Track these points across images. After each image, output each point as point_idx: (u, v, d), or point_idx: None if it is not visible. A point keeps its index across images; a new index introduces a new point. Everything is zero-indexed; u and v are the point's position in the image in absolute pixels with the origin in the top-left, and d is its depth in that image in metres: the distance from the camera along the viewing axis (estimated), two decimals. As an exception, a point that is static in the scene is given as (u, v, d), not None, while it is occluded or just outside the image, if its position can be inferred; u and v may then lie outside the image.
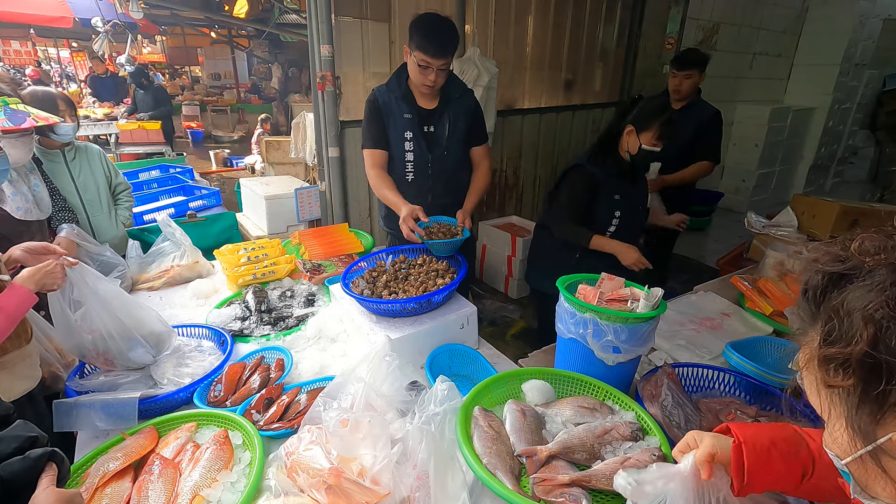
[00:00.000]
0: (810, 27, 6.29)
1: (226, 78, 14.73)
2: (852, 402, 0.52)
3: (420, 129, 2.09)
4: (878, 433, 0.50)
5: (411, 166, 2.13)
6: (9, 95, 1.53)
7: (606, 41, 4.72)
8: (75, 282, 1.40)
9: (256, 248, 2.29)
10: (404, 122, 2.07)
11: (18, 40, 11.74)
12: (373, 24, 3.32)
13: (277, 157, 5.82)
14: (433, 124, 2.11)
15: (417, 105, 2.08)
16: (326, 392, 1.21)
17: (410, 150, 2.10)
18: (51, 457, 0.81)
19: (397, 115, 2.07)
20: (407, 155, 2.11)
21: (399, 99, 2.06)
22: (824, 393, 0.56)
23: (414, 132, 2.08)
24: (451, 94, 2.10)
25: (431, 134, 2.11)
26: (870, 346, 0.48)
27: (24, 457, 0.79)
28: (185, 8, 7.75)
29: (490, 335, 2.09)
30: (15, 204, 1.74)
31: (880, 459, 0.52)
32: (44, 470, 0.80)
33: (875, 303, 0.48)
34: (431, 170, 2.14)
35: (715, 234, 5.67)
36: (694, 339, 1.76)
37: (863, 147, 7.58)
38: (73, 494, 0.80)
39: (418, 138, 2.09)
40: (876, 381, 0.48)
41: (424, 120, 2.09)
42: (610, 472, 0.99)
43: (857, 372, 0.50)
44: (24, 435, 0.81)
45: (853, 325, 0.50)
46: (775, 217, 2.73)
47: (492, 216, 4.49)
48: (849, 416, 0.53)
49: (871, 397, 0.49)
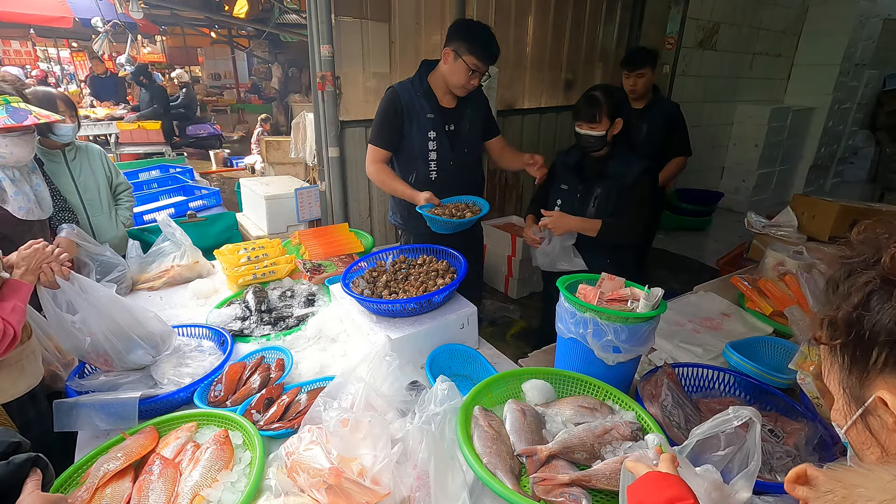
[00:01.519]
0: (810, 27, 6.29)
1: (226, 78, 14.72)
2: (844, 367, 0.60)
3: (443, 129, 2.12)
4: (866, 395, 0.58)
5: (434, 165, 2.16)
6: (10, 94, 1.53)
7: (606, 41, 4.72)
8: (69, 291, 1.39)
9: (256, 248, 2.29)
10: (427, 122, 2.09)
11: (18, 40, 11.74)
12: (373, 24, 3.32)
13: (277, 157, 5.82)
14: (454, 123, 2.15)
15: (440, 104, 2.12)
16: (326, 392, 1.21)
17: (434, 149, 2.13)
18: (35, 462, 0.82)
19: (420, 114, 2.09)
20: (430, 154, 2.14)
21: (422, 98, 2.09)
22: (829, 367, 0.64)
23: (437, 131, 2.11)
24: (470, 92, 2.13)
25: (453, 132, 2.16)
26: (854, 308, 0.56)
27: (7, 462, 0.79)
28: (185, 8, 7.75)
29: (490, 335, 2.09)
30: (17, 203, 1.73)
31: (868, 422, 0.58)
32: (28, 475, 0.80)
33: (866, 276, 0.57)
34: (454, 167, 2.18)
35: (715, 234, 5.67)
36: (694, 339, 1.76)
37: (863, 147, 7.58)
38: (58, 499, 0.80)
39: (441, 137, 2.12)
40: (858, 340, 0.56)
41: (447, 119, 2.14)
42: (610, 471, 1.00)
43: (843, 332, 0.58)
44: (5, 441, 0.82)
45: (848, 294, 0.58)
46: (775, 217, 2.72)
47: (492, 216, 4.48)
48: (842, 381, 0.61)
49: (857, 357, 0.58)
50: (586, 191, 2.07)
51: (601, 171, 2.05)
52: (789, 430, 1.22)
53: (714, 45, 5.57)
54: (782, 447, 1.16)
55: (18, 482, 0.79)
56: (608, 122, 1.94)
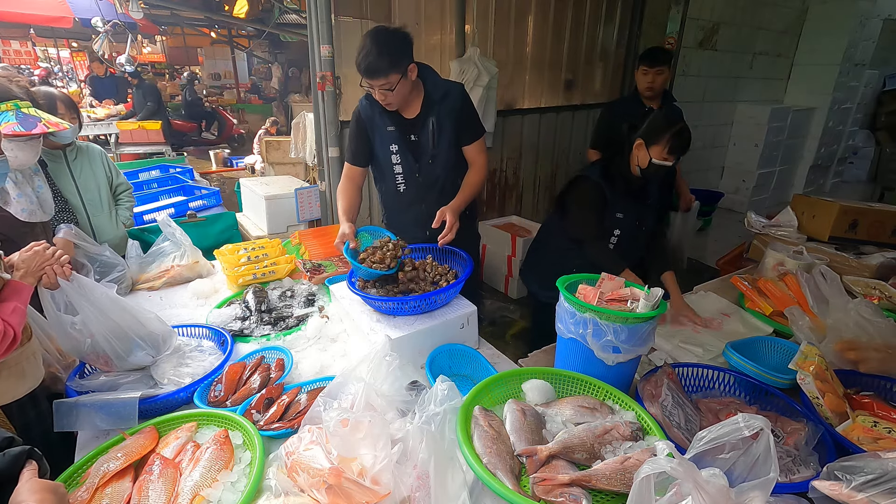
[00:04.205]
0: (810, 27, 6.29)
1: (226, 78, 14.72)
2: None
3: (405, 140, 2.03)
4: None
5: (401, 178, 2.09)
6: (22, 99, 1.52)
7: (606, 41, 4.72)
8: (69, 292, 1.39)
9: (256, 248, 2.29)
10: (388, 135, 2.02)
11: (18, 40, 11.74)
12: (373, 25, 3.31)
13: (277, 157, 5.83)
14: (416, 133, 2.03)
15: (399, 115, 2.01)
16: (326, 392, 1.21)
17: (398, 161, 2.06)
18: (29, 454, 0.85)
19: (381, 128, 2.02)
20: (395, 167, 2.07)
21: (381, 112, 1.99)
22: None
23: (399, 144, 2.03)
24: (434, 97, 1.99)
25: (416, 143, 2.04)
26: None
27: (2, 454, 0.82)
28: (185, 8, 7.76)
29: (490, 335, 2.08)
30: (20, 205, 1.73)
31: None
32: (24, 466, 0.83)
33: None
34: (420, 178, 2.09)
35: (715, 234, 5.67)
36: (694, 339, 1.77)
37: (863, 147, 7.57)
38: (56, 485, 0.82)
39: (404, 150, 2.04)
40: None
41: (408, 129, 2.02)
42: (610, 471, 0.99)
43: None
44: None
45: None
46: (775, 217, 2.72)
47: (492, 216, 4.49)
48: None
49: None
50: (641, 217, 2.04)
51: (646, 193, 2.05)
52: (789, 430, 1.22)
53: (714, 45, 5.57)
54: (782, 447, 1.16)
55: (14, 474, 0.81)
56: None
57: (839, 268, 2.16)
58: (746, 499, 0.84)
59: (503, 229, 4.09)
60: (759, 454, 0.90)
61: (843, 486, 0.91)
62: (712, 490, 0.78)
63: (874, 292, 2.02)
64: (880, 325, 1.51)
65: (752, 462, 0.92)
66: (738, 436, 0.86)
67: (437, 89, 1.99)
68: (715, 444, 0.87)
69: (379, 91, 1.84)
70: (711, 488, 0.78)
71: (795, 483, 1.06)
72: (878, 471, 0.89)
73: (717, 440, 0.87)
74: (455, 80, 2.13)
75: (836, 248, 2.40)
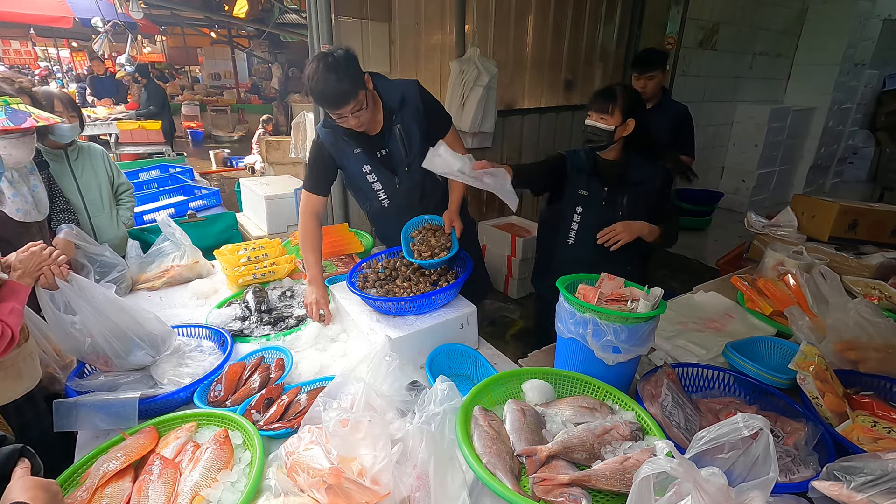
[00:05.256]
0: (810, 27, 6.29)
1: (226, 78, 14.74)
2: None
3: (375, 158, 1.96)
4: None
5: (382, 194, 2.04)
6: (10, 95, 1.53)
7: (606, 41, 4.72)
8: (67, 292, 1.39)
9: (256, 248, 2.29)
10: (357, 158, 1.96)
11: (18, 40, 11.75)
12: (373, 24, 3.31)
13: (277, 157, 5.82)
14: (385, 147, 1.96)
15: (363, 135, 1.92)
16: (326, 392, 1.21)
17: (375, 180, 2.00)
18: (21, 452, 0.85)
19: (348, 153, 1.95)
20: (374, 185, 2.01)
21: (344, 136, 1.91)
22: None
23: (370, 163, 1.97)
24: (392, 106, 1.91)
25: (387, 157, 1.97)
26: None
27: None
28: (185, 8, 7.76)
29: (490, 335, 2.08)
30: (15, 205, 1.72)
31: None
32: (16, 464, 0.83)
33: None
34: (402, 188, 2.03)
35: (715, 234, 5.68)
36: (694, 338, 1.76)
37: (863, 147, 7.58)
38: (49, 483, 0.82)
39: (377, 167, 1.98)
40: None
41: (375, 146, 1.95)
42: (610, 471, 0.99)
43: None
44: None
45: None
46: (775, 217, 2.72)
47: (492, 216, 4.49)
48: None
49: None
50: (611, 198, 1.97)
51: (622, 176, 1.97)
52: (789, 430, 1.21)
53: (714, 45, 5.57)
54: (782, 447, 1.16)
55: (7, 472, 0.82)
56: (620, 118, 1.85)
57: (839, 268, 2.16)
58: (746, 499, 0.84)
59: (503, 229, 4.09)
60: (758, 454, 0.90)
61: (843, 486, 0.91)
62: (712, 490, 0.78)
63: (874, 292, 2.02)
64: (880, 325, 1.51)
65: (751, 462, 0.92)
66: (737, 436, 0.86)
67: (392, 95, 1.92)
68: (714, 444, 0.87)
69: (352, 116, 1.75)
70: (711, 488, 0.78)
71: (795, 483, 1.06)
72: (878, 471, 0.89)
73: (717, 440, 0.87)
74: (405, 79, 2.03)
75: (835, 248, 2.40)
